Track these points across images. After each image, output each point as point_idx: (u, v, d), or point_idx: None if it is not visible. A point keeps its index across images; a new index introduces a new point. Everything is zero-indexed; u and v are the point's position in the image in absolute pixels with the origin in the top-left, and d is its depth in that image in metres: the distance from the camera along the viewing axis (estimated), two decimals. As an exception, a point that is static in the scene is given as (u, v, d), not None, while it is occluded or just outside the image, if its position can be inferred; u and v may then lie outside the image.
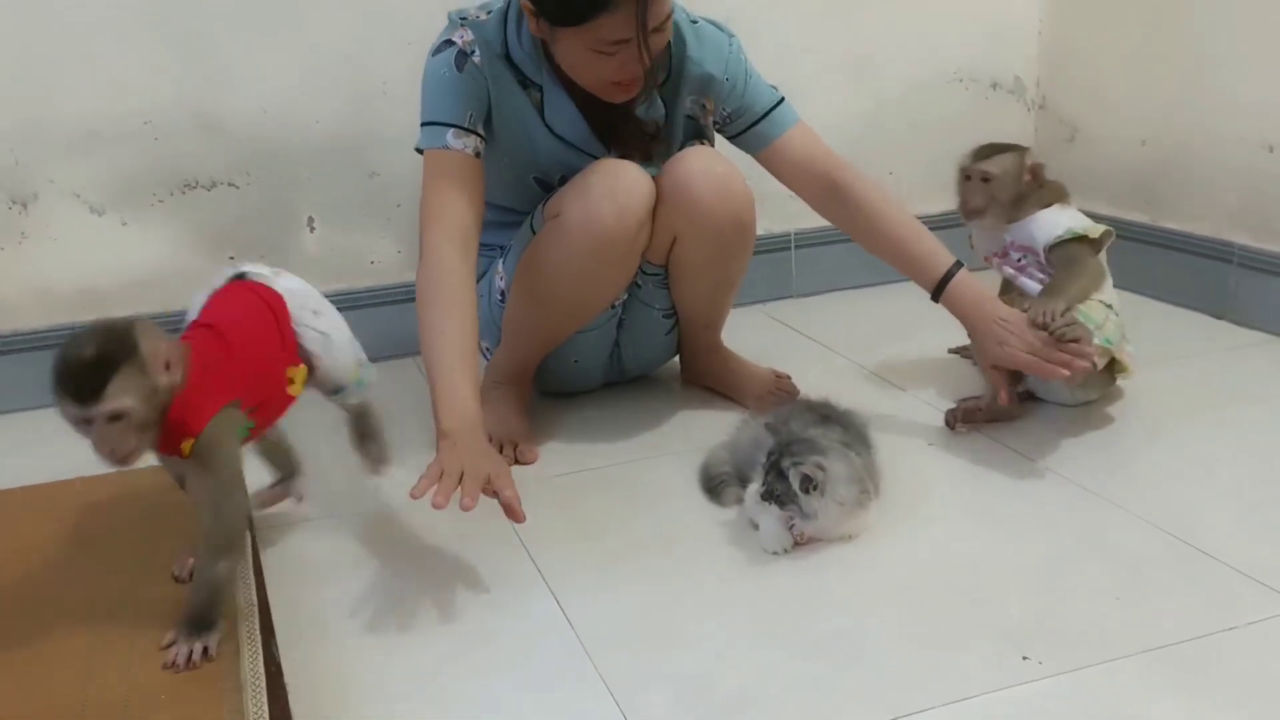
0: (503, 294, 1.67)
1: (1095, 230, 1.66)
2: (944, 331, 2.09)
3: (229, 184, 1.98)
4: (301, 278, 1.34)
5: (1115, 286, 1.68)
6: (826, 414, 1.35)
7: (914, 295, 2.43)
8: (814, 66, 1.63)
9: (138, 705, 0.95)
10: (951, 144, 2.41)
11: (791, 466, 1.26)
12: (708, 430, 1.62)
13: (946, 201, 2.42)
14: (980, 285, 1.59)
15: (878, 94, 2.34)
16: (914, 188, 2.41)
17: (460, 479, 1.19)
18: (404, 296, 2.10)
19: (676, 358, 1.88)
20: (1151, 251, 2.19)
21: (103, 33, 1.86)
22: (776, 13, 1.72)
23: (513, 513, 1.21)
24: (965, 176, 1.72)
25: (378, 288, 2.10)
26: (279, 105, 1.97)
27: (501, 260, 1.68)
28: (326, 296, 2.05)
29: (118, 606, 1.11)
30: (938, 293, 1.59)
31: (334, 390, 1.35)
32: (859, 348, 2.01)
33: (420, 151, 1.53)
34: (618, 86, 1.48)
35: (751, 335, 2.01)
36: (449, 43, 1.53)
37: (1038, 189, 1.70)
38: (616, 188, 1.51)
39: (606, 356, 1.78)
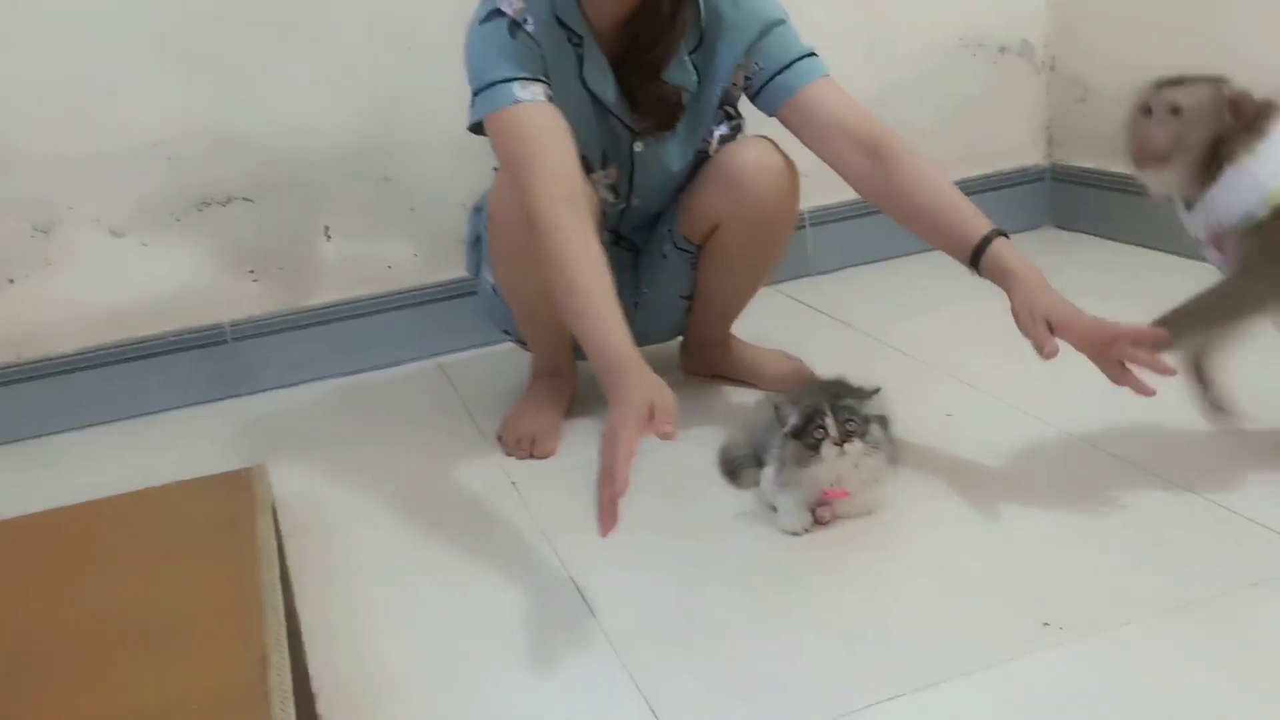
0: (494, 288, 1.68)
1: None
2: (966, 303, 2.08)
3: (244, 199, 2.00)
4: (322, 287, 1.29)
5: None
6: (838, 391, 1.35)
7: (930, 266, 2.41)
8: (828, 51, 1.62)
9: (173, 717, 0.98)
10: (961, 111, 2.41)
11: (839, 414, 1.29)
12: (721, 415, 1.63)
13: (962, 170, 2.42)
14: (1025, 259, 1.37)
15: (889, 69, 2.32)
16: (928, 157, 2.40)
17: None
18: (424, 299, 2.12)
19: (678, 349, 1.87)
20: (1168, 209, 2.16)
21: (113, 58, 1.88)
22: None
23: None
24: (1144, 110, 1.30)
25: (397, 292, 2.12)
26: (289, 118, 1.99)
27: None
28: (347, 304, 2.11)
29: (149, 622, 1.14)
30: (976, 257, 1.37)
31: None
32: (878, 322, 2.01)
33: (478, 131, 1.45)
34: None
35: (771, 315, 2.01)
36: (498, 12, 1.45)
37: (1237, 134, 1.25)
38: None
39: None
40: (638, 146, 1.58)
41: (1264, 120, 1.25)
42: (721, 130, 1.63)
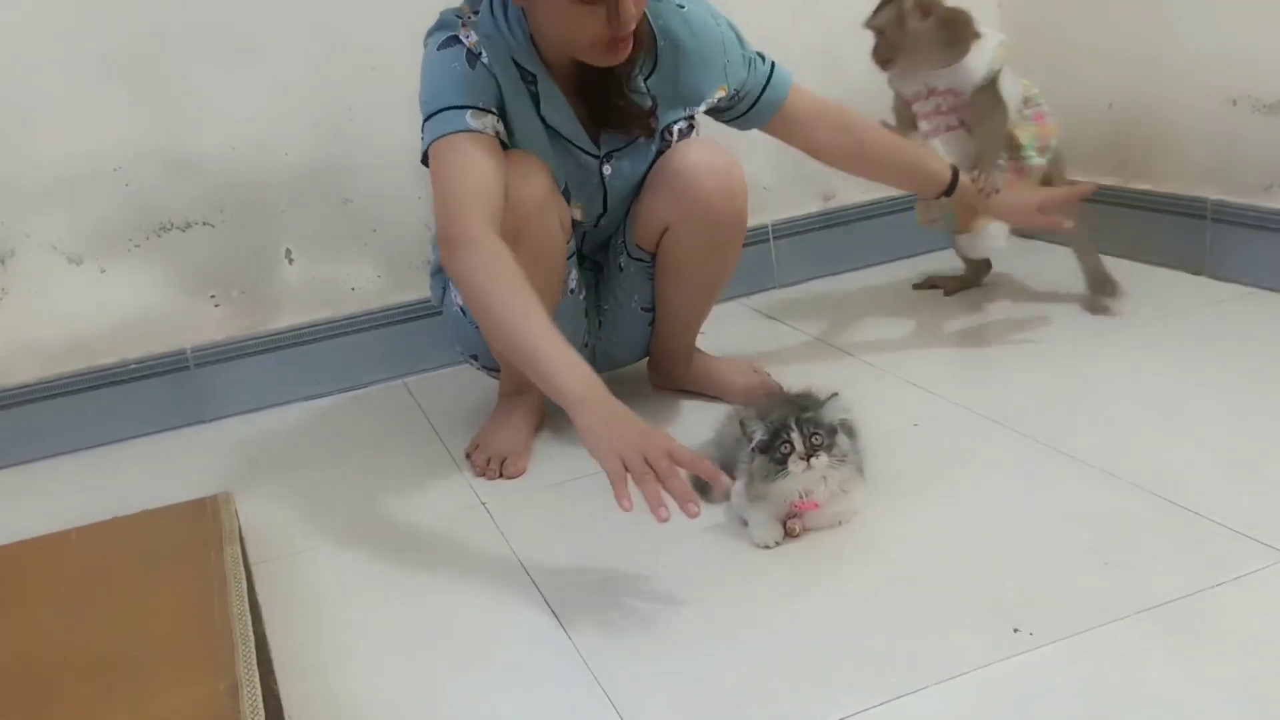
0: (462, 309, 1.67)
1: (1004, 55, 1.87)
2: (929, 313, 2.10)
3: (204, 223, 1.99)
4: (284, 310, 1.29)
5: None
6: (805, 405, 1.35)
7: (895, 275, 2.44)
8: (779, 62, 1.66)
9: (142, 750, 0.97)
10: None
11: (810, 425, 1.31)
12: (690, 429, 1.63)
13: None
14: None
15: (841, 82, 2.33)
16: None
17: (646, 463, 1.16)
18: (387, 321, 2.11)
19: (645, 364, 1.87)
20: (1125, 213, 2.20)
21: (65, 83, 1.87)
22: (739, 12, 1.74)
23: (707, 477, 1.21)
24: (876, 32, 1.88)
25: (361, 313, 2.10)
26: (247, 140, 1.98)
27: None
28: (311, 326, 2.10)
29: (117, 653, 1.12)
30: (951, 189, 1.77)
31: None
32: (843, 333, 2.02)
33: (425, 162, 1.46)
34: (607, 47, 1.40)
35: (736, 328, 2.02)
36: (455, 39, 1.46)
37: (943, 30, 1.85)
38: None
39: (580, 346, 1.73)
40: (607, 170, 1.58)
41: (961, 22, 1.87)
42: (680, 125, 1.63)
